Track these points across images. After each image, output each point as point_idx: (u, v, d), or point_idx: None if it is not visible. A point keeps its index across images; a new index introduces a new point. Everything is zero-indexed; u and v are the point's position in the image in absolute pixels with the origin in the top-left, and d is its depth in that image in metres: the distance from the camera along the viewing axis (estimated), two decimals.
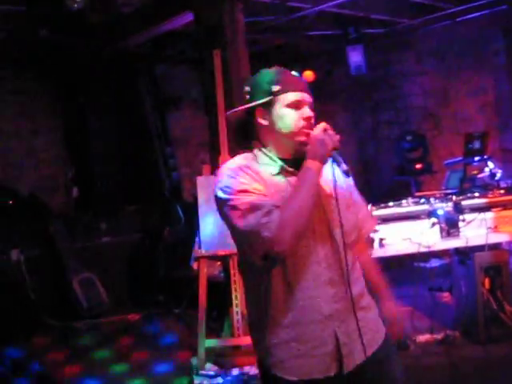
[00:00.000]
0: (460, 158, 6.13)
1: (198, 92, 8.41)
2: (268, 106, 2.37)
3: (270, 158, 2.40)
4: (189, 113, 9.44)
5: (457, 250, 5.24)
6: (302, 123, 2.35)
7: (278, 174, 2.36)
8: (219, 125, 5.28)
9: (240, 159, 2.41)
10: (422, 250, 4.95)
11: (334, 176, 2.37)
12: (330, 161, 2.35)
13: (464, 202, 5.18)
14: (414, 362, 4.81)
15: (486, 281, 5.07)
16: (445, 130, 9.23)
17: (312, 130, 2.34)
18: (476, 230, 5.06)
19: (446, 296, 6.06)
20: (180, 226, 7.86)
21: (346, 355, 2.32)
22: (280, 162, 2.38)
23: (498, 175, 5.84)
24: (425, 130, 9.38)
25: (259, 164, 2.38)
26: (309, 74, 9.26)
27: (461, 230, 5.04)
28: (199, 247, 5.20)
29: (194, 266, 5.26)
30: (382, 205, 5.16)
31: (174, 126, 9.41)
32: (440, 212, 5.07)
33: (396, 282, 6.42)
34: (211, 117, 5.72)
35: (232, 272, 5.30)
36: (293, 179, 2.32)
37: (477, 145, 5.92)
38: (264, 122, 2.40)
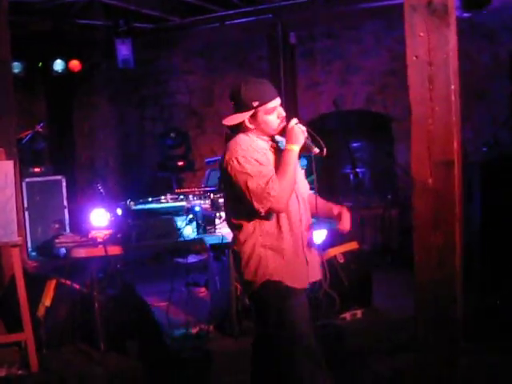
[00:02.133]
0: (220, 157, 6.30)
1: None
2: (252, 115, 3.22)
3: (262, 139, 3.28)
4: None
5: (212, 247, 5.38)
6: (279, 122, 3.25)
7: (268, 150, 3.27)
8: None
9: (244, 140, 3.23)
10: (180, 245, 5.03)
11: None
12: None
13: (221, 200, 5.33)
14: (171, 356, 4.86)
15: None
16: (208, 129, 9.50)
17: (284, 122, 3.24)
18: None
19: (202, 291, 6.22)
20: None
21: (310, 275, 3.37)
22: (269, 143, 3.31)
23: None
24: (188, 128, 9.57)
25: (257, 143, 3.24)
26: (75, 64, 9.02)
27: (217, 226, 5.20)
28: None
29: None
30: (141, 200, 5.18)
31: None
32: (197, 209, 5.19)
33: (154, 278, 6.49)
34: None
35: None
36: (277, 153, 3.26)
37: None
38: (251, 126, 3.25)
